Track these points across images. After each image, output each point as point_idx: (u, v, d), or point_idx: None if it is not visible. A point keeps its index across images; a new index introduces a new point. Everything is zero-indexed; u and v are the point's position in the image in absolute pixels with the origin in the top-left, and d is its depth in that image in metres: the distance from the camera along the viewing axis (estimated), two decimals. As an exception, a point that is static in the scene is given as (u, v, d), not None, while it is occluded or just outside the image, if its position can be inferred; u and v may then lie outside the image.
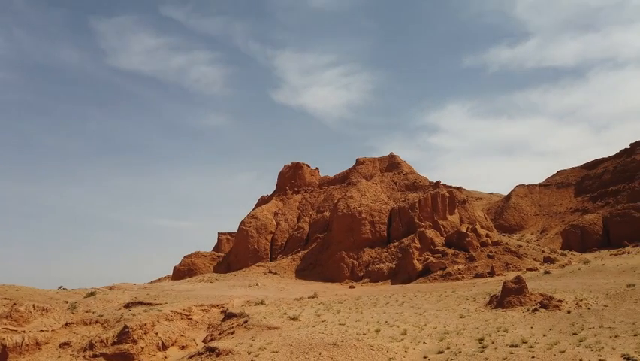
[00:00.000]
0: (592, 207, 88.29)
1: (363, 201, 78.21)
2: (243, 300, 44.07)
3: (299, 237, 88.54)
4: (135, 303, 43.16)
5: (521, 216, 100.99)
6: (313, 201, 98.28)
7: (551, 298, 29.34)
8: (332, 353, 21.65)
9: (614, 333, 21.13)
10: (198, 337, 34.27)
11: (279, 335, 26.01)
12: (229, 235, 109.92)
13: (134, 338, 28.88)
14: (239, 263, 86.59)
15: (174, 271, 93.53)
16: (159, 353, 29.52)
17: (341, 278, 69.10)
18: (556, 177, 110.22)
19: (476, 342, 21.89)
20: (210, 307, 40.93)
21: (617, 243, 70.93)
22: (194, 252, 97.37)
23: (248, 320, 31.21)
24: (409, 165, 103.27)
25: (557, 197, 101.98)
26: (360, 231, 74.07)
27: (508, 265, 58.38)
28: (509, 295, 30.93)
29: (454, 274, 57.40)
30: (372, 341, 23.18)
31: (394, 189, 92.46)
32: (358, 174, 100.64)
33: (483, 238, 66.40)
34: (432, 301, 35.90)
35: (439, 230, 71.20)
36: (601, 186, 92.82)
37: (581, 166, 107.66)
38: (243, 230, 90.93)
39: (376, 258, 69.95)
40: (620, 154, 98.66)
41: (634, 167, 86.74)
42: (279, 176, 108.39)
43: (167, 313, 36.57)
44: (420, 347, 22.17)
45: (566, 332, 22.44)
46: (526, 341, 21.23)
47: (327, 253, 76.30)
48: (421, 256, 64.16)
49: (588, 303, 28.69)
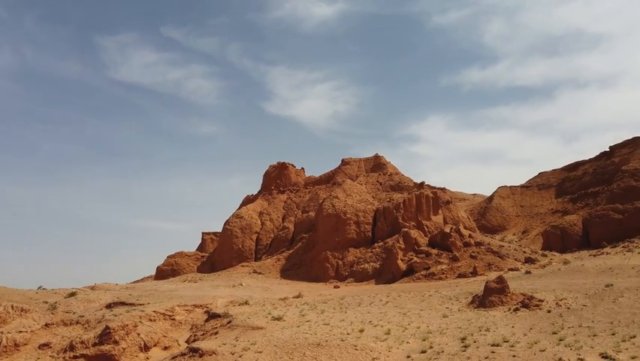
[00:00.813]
0: (572, 208, 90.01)
1: (349, 201, 78.45)
2: (227, 300, 43.82)
3: (284, 237, 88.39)
4: (117, 303, 42.55)
5: (503, 217, 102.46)
6: (298, 201, 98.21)
7: (532, 298, 29.83)
8: (316, 353, 21.69)
9: (593, 332, 21.58)
10: (181, 337, 33.98)
11: (263, 335, 25.95)
12: (213, 234, 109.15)
13: (116, 338, 28.50)
14: (223, 263, 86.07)
15: (157, 271, 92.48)
16: (141, 353, 29.18)
17: (326, 278, 69.19)
18: (538, 179, 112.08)
19: (459, 341, 22.14)
20: (194, 307, 40.59)
21: (596, 244, 72.48)
22: (178, 252, 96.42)
23: (232, 321, 31.05)
24: (394, 166, 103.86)
25: (539, 198, 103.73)
26: (345, 231, 74.27)
27: (491, 265, 59.16)
28: (491, 295, 31.35)
29: (438, 274, 57.94)
30: (356, 340, 23.27)
31: (379, 190, 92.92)
32: (344, 175, 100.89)
33: (466, 239, 67.20)
34: (415, 301, 36.18)
35: (423, 230, 71.80)
36: (581, 187, 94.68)
37: (562, 168, 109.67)
38: (228, 230, 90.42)
39: (361, 258, 70.22)
40: (600, 157, 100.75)
41: (613, 169, 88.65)
42: (265, 176, 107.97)
43: (150, 314, 36.16)
44: (403, 346, 22.34)
45: (546, 331, 22.83)
46: (507, 340, 21.55)
47: (312, 253, 76.34)
48: (405, 256, 64.61)
49: (568, 303, 29.23)
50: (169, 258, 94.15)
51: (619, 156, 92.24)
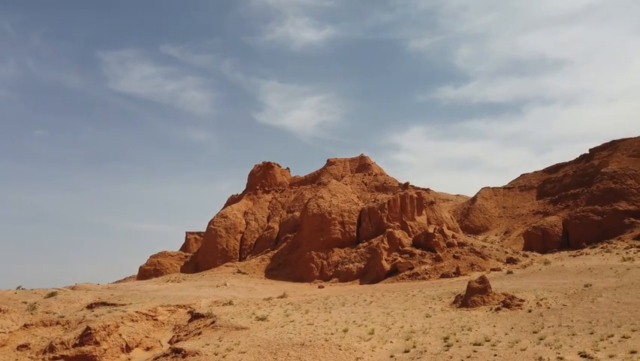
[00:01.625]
0: (552, 209, 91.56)
1: (334, 201, 78.60)
2: (211, 300, 43.54)
3: (269, 237, 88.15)
4: (98, 304, 41.94)
5: (486, 217, 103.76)
6: (284, 201, 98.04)
7: (513, 298, 30.27)
8: (300, 353, 21.70)
9: (572, 331, 21.99)
10: (164, 338, 33.66)
11: (247, 335, 25.86)
12: (197, 234, 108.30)
13: (97, 339, 28.11)
14: (207, 263, 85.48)
15: (140, 271, 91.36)
16: (123, 354, 28.83)
17: (310, 278, 69.22)
18: (520, 180, 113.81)
19: (441, 341, 22.37)
20: (177, 307, 40.23)
21: (576, 244, 73.85)
22: (161, 252, 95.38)
23: (215, 321, 30.87)
24: (379, 167, 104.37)
25: (520, 199, 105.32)
26: (330, 231, 74.41)
27: (473, 266, 59.86)
28: (474, 295, 31.73)
29: (421, 274, 58.42)
30: (340, 340, 23.34)
31: (364, 190, 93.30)
32: (329, 175, 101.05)
33: (449, 239, 67.88)
34: (399, 301, 36.42)
35: (407, 231, 72.32)
36: (561, 189, 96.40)
37: (543, 170, 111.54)
38: (212, 229, 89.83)
39: (346, 258, 70.42)
40: (580, 159, 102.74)
41: (592, 172, 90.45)
42: (250, 175, 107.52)
43: (132, 314, 35.73)
44: (387, 346, 22.48)
45: (527, 331, 23.20)
46: (489, 339, 21.84)
47: (296, 253, 76.29)
48: (389, 256, 64.99)
49: (548, 302, 29.73)
50: (152, 258, 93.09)
51: (598, 158, 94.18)
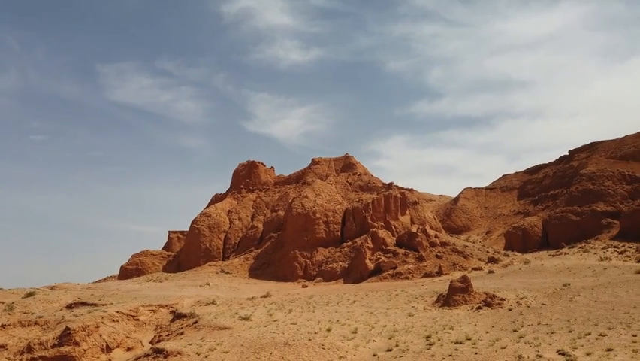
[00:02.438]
0: (533, 210, 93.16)
1: (318, 201, 78.67)
2: (194, 300, 43.19)
3: (253, 236, 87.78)
4: (78, 304, 41.25)
5: (468, 217, 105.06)
6: (268, 200, 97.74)
7: (494, 297, 30.72)
8: (283, 353, 21.68)
9: (551, 330, 22.40)
10: (145, 338, 33.28)
11: (230, 335, 25.74)
12: (180, 233, 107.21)
13: (76, 340, 27.65)
14: (190, 262, 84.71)
15: (121, 271, 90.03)
16: (103, 355, 28.43)
17: (294, 277, 69.17)
18: (501, 181, 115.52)
19: (424, 340, 22.58)
20: (159, 307, 39.81)
21: (555, 244, 75.29)
22: (143, 251, 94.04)
23: (198, 321, 30.65)
24: (364, 167, 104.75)
25: (502, 200, 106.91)
26: (314, 230, 74.44)
27: (455, 265, 60.55)
28: (455, 294, 32.11)
29: (404, 274, 58.87)
30: (324, 340, 23.40)
31: (349, 190, 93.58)
32: (314, 174, 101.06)
33: (432, 239, 68.51)
34: (382, 300, 36.65)
35: (391, 230, 72.78)
36: (541, 190, 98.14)
37: (524, 171, 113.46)
38: (195, 228, 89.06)
39: (330, 257, 70.55)
40: (559, 161, 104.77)
41: (571, 173, 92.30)
42: (234, 174, 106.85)
43: (113, 314, 35.24)
44: (370, 345, 22.60)
45: (507, 329, 23.56)
46: (470, 338, 22.12)
47: (280, 253, 76.15)
48: (373, 255, 65.32)
49: (528, 301, 30.24)
50: (133, 257, 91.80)
51: (577, 160, 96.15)
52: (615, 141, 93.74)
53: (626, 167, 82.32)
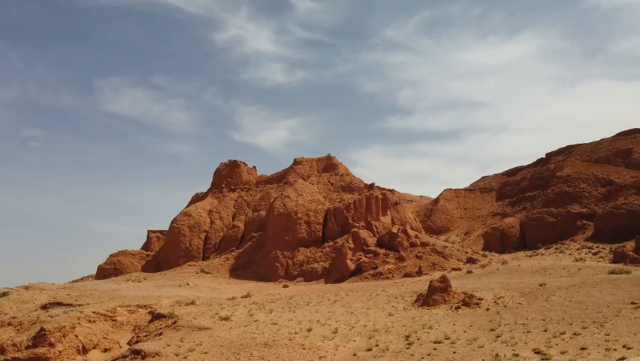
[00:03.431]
0: (511, 211, 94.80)
1: (300, 201, 78.63)
2: (173, 300, 42.70)
3: (234, 236, 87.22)
4: (53, 304, 40.38)
5: (448, 218, 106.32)
6: (249, 200, 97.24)
7: (472, 297, 31.18)
8: (263, 353, 21.63)
9: (527, 329, 22.84)
10: (123, 339, 32.78)
11: (210, 335, 25.55)
12: (160, 233, 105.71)
13: (52, 341, 27.06)
14: (169, 262, 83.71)
15: (98, 271, 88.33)
16: (79, 356, 27.90)
17: (275, 278, 69.00)
18: (480, 183, 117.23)
19: (403, 339, 22.79)
20: (137, 307, 39.25)
21: (532, 245, 76.75)
22: (121, 250, 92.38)
23: (177, 321, 30.33)
24: (346, 167, 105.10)
25: (481, 201, 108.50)
26: (295, 230, 74.39)
27: (435, 265, 61.25)
28: (435, 294, 32.48)
29: (385, 274, 59.29)
30: (304, 340, 23.41)
31: (330, 190, 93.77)
32: (296, 174, 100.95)
33: (412, 239, 69.17)
34: (363, 300, 36.84)
35: (372, 231, 73.21)
36: (519, 192, 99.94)
37: (503, 173, 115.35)
38: (175, 228, 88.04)
39: (311, 257, 70.58)
40: (537, 163, 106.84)
41: (548, 175, 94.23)
42: (215, 173, 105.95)
43: (89, 315, 34.61)
44: (350, 345, 22.71)
45: (485, 328, 23.94)
46: (448, 337, 22.42)
47: (261, 253, 75.87)
48: (354, 255, 65.60)
49: (505, 301, 30.78)
50: (111, 256, 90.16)
51: (554, 162, 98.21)
52: (591, 144, 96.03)
53: (600, 170, 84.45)
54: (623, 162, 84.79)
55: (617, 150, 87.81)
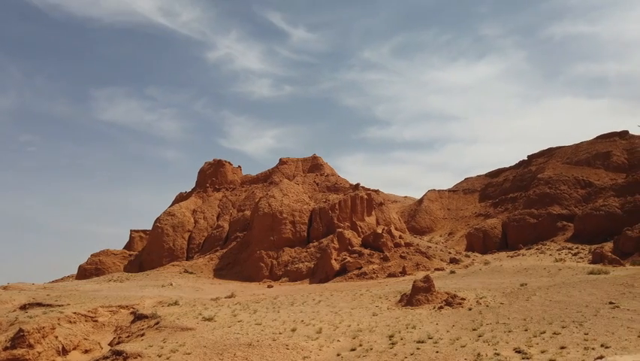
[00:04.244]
0: (493, 212, 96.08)
1: (285, 201, 78.49)
2: (156, 301, 42.24)
3: (218, 236, 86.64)
4: (33, 304, 39.60)
5: (432, 219, 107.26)
6: (234, 200, 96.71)
7: (455, 297, 31.52)
8: (247, 354, 21.55)
9: (508, 328, 23.17)
10: (104, 340, 32.32)
11: (193, 336, 25.35)
12: (143, 232, 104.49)
13: (31, 342, 26.53)
14: (152, 262, 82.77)
15: (79, 270, 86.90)
16: (59, 358, 27.39)
17: (260, 278, 68.76)
18: (464, 184, 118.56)
19: (387, 339, 22.93)
20: (119, 308, 38.73)
21: (514, 245, 77.95)
22: (103, 250, 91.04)
23: (160, 322, 30.00)
24: (331, 167, 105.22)
25: (464, 202, 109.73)
26: (280, 230, 74.23)
27: (419, 265, 61.73)
28: (418, 294, 32.75)
29: (369, 274, 59.55)
30: (288, 340, 23.39)
31: (316, 190, 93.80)
32: (281, 174, 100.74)
33: (397, 240, 69.59)
34: (347, 300, 36.95)
35: (357, 231, 73.45)
36: (501, 193, 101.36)
37: (486, 174, 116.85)
38: (158, 228, 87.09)
39: (296, 258, 70.51)
40: (519, 165, 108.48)
41: (530, 177, 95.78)
42: (200, 173, 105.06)
43: (70, 315, 34.04)
44: (334, 345, 22.76)
45: (467, 328, 24.21)
46: (431, 336, 22.62)
47: (246, 253, 75.52)
48: (338, 255, 65.74)
49: (487, 301, 31.18)
50: (93, 256, 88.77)
51: (535, 164, 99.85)
52: (571, 147, 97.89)
53: (580, 172, 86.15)
54: (602, 164, 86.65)
55: (596, 153, 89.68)
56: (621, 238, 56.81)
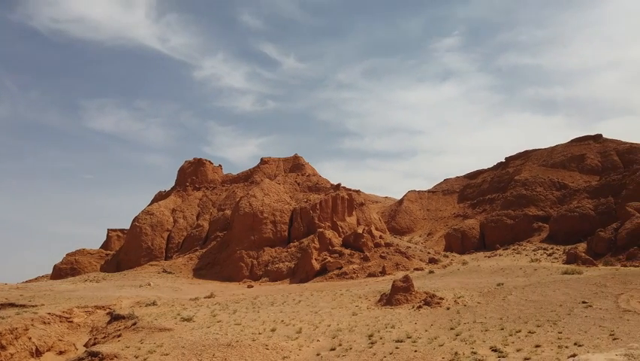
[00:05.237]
0: (471, 213, 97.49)
1: (266, 200, 78.20)
2: (133, 301, 41.64)
3: (198, 235, 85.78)
4: (5, 305, 38.61)
5: (411, 219, 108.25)
6: (215, 199, 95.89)
7: (434, 296, 31.92)
8: (226, 354, 21.42)
9: (485, 327, 23.58)
10: (80, 341, 31.70)
11: (171, 336, 25.07)
12: (120, 231, 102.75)
13: (3, 343, 25.83)
14: (130, 262, 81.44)
15: (54, 270, 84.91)
16: (32, 359, 26.76)
17: (240, 278, 68.35)
18: (443, 185, 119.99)
19: (366, 338, 23.09)
20: (95, 308, 38.06)
21: (491, 246, 79.26)
22: (79, 249, 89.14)
23: (137, 322, 29.58)
24: (312, 167, 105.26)
25: (443, 203, 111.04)
26: (261, 230, 73.93)
27: (398, 265, 62.26)
28: (397, 294, 33.05)
29: (349, 274, 59.80)
30: (268, 340, 23.34)
31: (297, 190, 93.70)
32: (262, 174, 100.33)
33: (377, 240, 70.05)
34: (327, 300, 37.05)
35: (338, 231, 73.67)
36: (480, 194, 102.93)
37: (464, 176, 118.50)
38: (137, 227, 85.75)
39: (276, 257, 70.32)
40: (497, 166, 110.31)
41: (507, 178, 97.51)
42: (179, 171, 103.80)
43: (44, 316, 33.29)
44: (314, 344, 22.80)
45: (445, 327, 24.55)
46: (410, 336, 22.87)
47: (226, 252, 74.97)
48: (319, 255, 65.82)
49: (465, 300, 31.65)
50: (68, 256, 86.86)
51: (513, 166, 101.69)
52: (547, 149, 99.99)
53: (555, 174, 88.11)
54: (577, 167, 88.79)
55: (571, 156, 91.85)
56: (594, 239, 58.29)
